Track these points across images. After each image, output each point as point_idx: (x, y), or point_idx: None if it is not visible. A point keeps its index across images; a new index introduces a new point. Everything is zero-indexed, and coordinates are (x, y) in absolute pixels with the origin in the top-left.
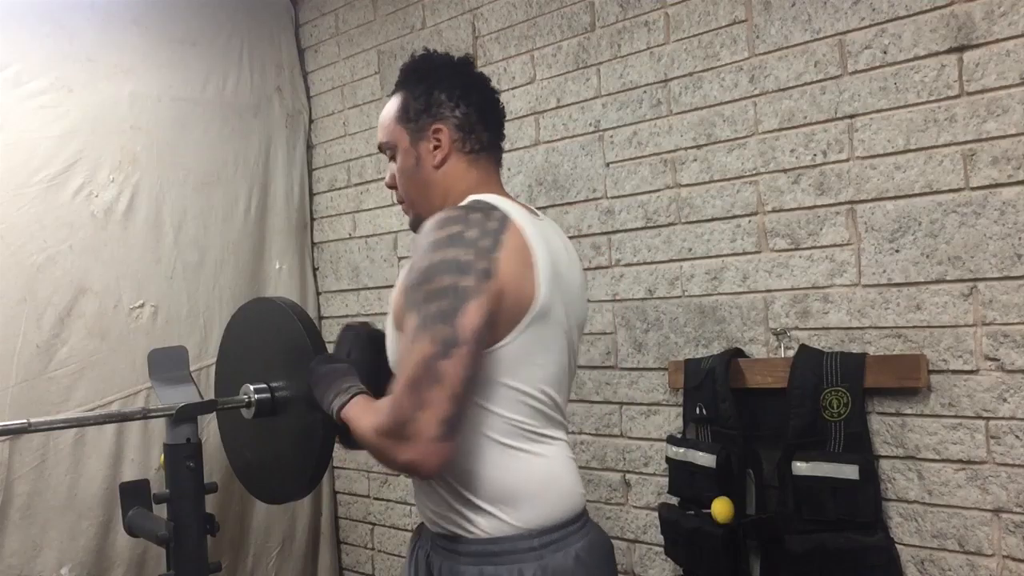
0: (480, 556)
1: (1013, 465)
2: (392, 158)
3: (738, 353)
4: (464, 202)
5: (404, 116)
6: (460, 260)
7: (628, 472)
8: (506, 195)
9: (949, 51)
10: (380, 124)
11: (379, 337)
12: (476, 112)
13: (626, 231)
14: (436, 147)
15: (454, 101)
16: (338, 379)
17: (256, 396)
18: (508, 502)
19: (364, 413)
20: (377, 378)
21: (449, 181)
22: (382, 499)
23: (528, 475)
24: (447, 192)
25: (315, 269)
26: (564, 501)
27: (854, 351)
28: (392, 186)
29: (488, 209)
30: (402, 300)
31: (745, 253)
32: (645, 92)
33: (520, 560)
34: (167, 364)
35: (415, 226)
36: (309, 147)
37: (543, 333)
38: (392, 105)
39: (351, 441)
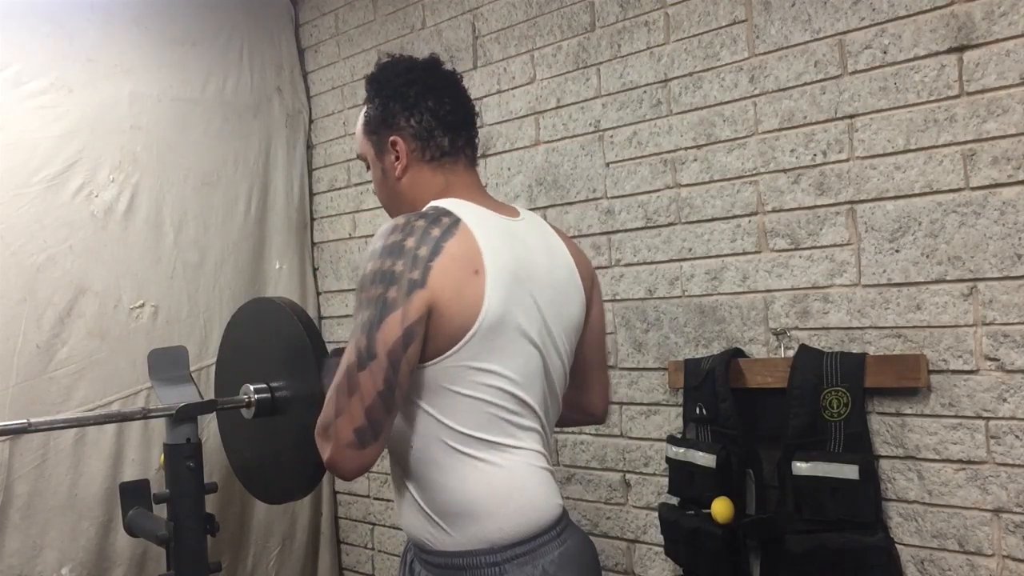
0: (446, 568)
1: (1013, 465)
2: (368, 169)
3: (738, 353)
4: (423, 209)
5: (368, 128)
6: (394, 271)
7: (628, 472)
8: (477, 196)
9: (949, 51)
10: (356, 137)
11: None
12: (432, 118)
13: (626, 231)
14: (396, 159)
15: (408, 111)
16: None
17: (256, 396)
18: (468, 515)
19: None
20: None
21: (415, 191)
22: (382, 499)
23: (487, 487)
24: (415, 201)
25: (315, 269)
26: (529, 513)
27: (854, 351)
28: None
29: (437, 216)
30: (359, 281)
31: (745, 253)
32: (645, 92)
33: None
34: (167, 364)
35: None
36: (309, 147)
37: (497, 342)
38: (360, 117)
39: None
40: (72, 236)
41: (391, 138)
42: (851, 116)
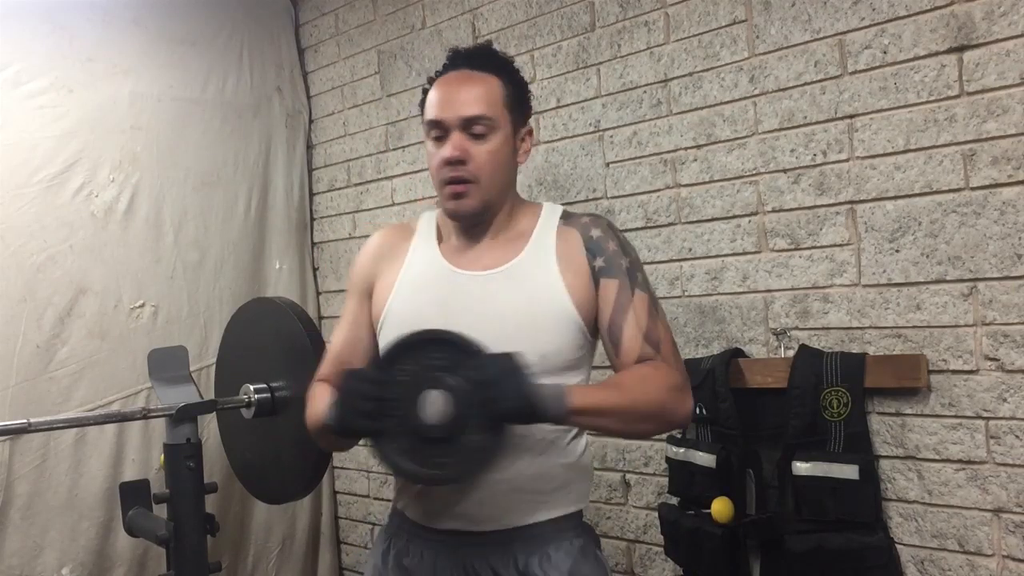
0: (565, 529)
1: (1013, 465)
2: (479, 135)
3: (738, 353)
4: (561, 208)
5: (511, 104)
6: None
7: (628, 472)
8: None
9: (949, 51)
10: (480, 97)
11: None
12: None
13: (626, 231)
14: (523, 142)
15: (528, 110)
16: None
17: (256, 396)
18: (586, 477)
19: (633, 381)
20: None
21: (513, 180)
22: (382, 499)
23: (589, 453)
24: (510, 187)
25: (315, 269)
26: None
27: (854, 351)
28: (459, 160)
29: None
30: (624, 261)
31: (745, 253)
32: (645, 92)
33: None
34: (167, 364)
35: (474, 209)
36: (309, 147)
37: None
38: (493, 85)
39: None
40: (72, 236)
41: (527, 128)
42: (851, 116)
